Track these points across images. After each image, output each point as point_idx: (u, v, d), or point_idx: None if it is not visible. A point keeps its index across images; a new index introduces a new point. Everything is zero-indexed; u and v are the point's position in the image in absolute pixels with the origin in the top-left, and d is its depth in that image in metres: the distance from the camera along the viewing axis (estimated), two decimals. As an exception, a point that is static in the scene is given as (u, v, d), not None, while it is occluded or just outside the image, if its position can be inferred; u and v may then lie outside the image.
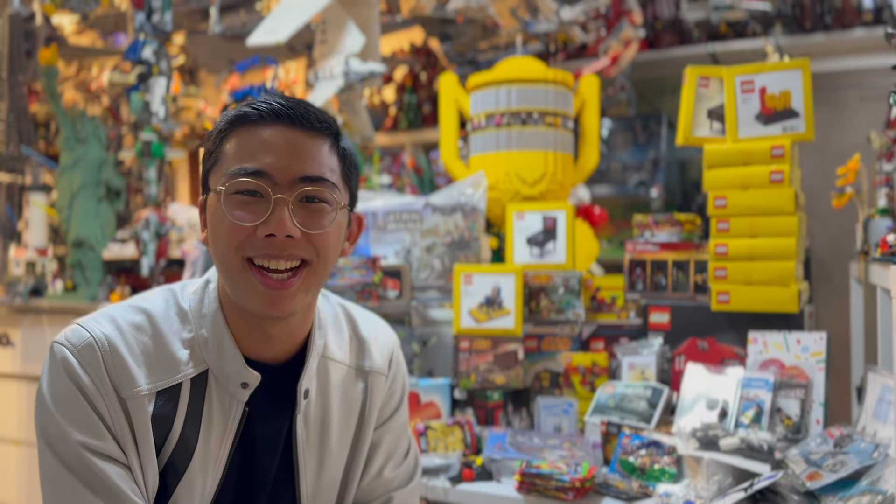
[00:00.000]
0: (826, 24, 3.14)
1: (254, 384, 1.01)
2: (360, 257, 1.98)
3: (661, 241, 1.91)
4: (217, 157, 0.99)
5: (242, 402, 1.02)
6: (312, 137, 0.98)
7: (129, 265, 3.24)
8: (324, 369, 1.11)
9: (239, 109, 0.98)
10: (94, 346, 0.95)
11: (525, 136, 2.22)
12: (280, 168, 0.95)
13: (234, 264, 0.96)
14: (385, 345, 1.22)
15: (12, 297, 3.34)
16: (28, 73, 3.53)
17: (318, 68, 2.52)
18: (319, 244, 0.98)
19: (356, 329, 1.19)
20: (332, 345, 1.13)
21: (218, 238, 0.97)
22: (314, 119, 0.98)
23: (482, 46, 3.41)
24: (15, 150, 3.43)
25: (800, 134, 1.76)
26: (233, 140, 0.98)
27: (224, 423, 1.01)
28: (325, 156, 0.99)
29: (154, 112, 2.69)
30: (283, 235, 0.94)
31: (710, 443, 1.52)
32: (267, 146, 0.95)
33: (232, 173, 0.95)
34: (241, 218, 0.95)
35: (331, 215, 0.99)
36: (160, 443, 0.97)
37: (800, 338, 1.69)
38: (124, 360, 0.95)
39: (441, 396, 1.89)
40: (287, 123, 0.97)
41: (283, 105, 0.97)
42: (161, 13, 2.72)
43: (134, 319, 1.00)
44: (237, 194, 0.95)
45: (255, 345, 1.03)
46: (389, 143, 3.97)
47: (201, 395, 1.00)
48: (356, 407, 1.15)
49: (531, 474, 1.52)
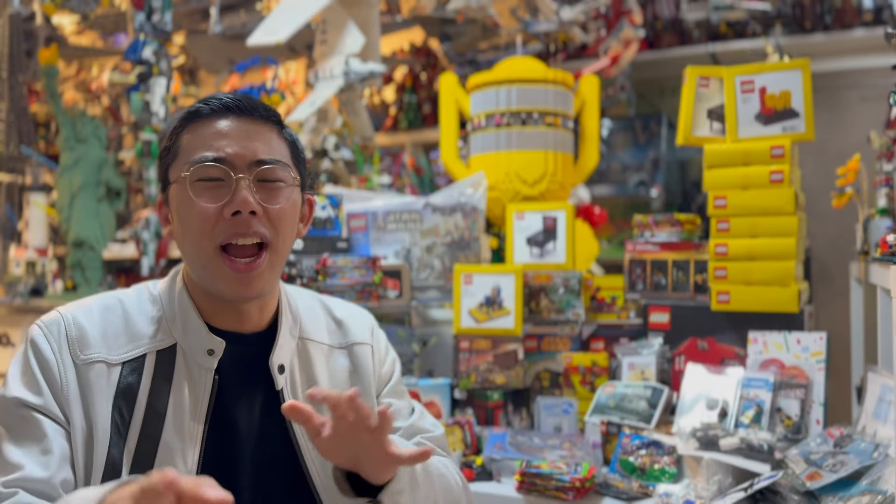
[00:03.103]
0: (826, 24, 3.14)
1: (219, 350, 1.07)
2: (360, 257, 1.98)
3: (661, 241, 1.91)
4: (175, 151, 1.08)
5: (211, 370, 1.07)
6: (261, 125, 1.08)
7: (129, 265, 3.24)
8: (304, 350, 1.17)
9: (191, 107, 1.09)
10: (60, 322, 1.04)
11: (525, 136, 2.22)
12: (237, 153, 1.05)
13: (207, 251, 1.04)
14: (362, 321, 1.28)
15: (12, 297, 3.34)
16: (28, 73, 3.53)
17: (318, 68, 2.52)
18: (278, 220, 1.07)
19: (332, 312, 1.26)
20: (309, 327, 1.19)
21: (188, 226, 1.05)
22: (261, 109, 1.09)
23: (482, 46, 3.41)
24: (15, 150, 3.43)
25: (800, 134, 1.76)
26: (188, 135, 1.07)
27: (196, 394, 1.06)
28: (275, 140, 1.09)
29: (154, 112, 2.69)
30: (248, 211, 1.03)
31: (710, 443, 1.52)
32: (222, 135, 1.05)
33: (193, 161, 1.04)
34: (207, 201, 1.03)
35: (286, 192, 1.08)
36: (129, 413, 1.03)
37: (800, 338, 1.70)
38: (86, 333, 1.04)
39: (441, 396, 1.89)
40: (237, 114, 1.07)
41: (231, 99, 1.07)
42: (161, 13, 2.72)
43: (105, 303, 1.10)
44: (200, 181, 1.04)
45: (225, 321, 1.10)
46: (389, 143, 3.97)
47: (169, 367, 1.06)
48: (346, 382, 1.20)
49: (531, 474, 1.52)
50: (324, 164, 2.58)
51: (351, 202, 2.18)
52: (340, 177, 2.60)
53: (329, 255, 1.99)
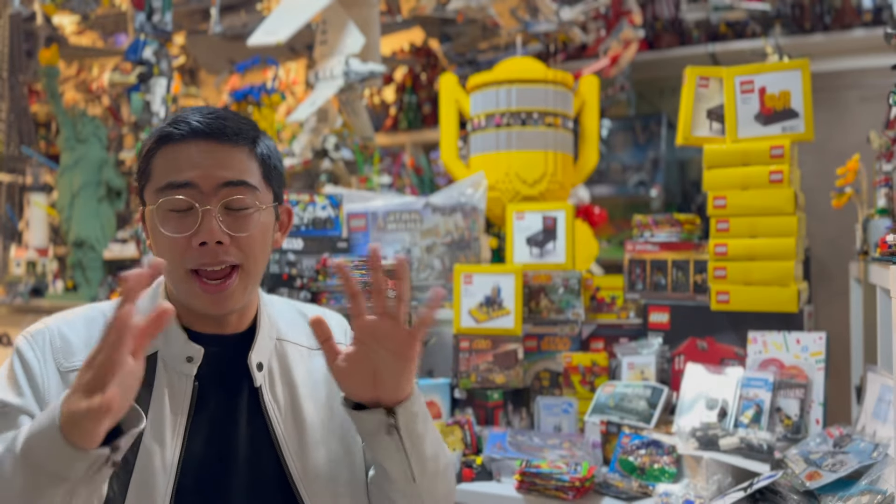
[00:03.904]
0: (826, 24, 3.14)
1: (198, 358, 1.10)
2: (361, 257, 1.98)
3: (661, 241, 1.91)
4: (148, 174, 1.11)
5: (191, 377, 1.10)
6: (230, 148, 1.09)
7: (130, 265, 3.24)
8: (281, 351, 1.19)
9: (163, 129, 1.10)
10: (45, 333, 1.08)
11: (525, 136, 2.22)
12: (203, 177, 1.07)
13: (178, 274, 1.08)
14: (337, 324, 1.30)
15: (13, 296, 3.35)
16: (28, 73, 3.53)
17: (318, 68, 2.52)
18: (246, 247, 1.09)
19: (307, 316, 1.27)
20: (285, 330, 1.22)
21: (160, 251, 1.09)
22: (230, 132, 1.10)
23: (482, 47, 3.41)
24: (15, 150, 3.43)
25: (799, 134, 1.77)
26: (159, 158, 1.09)
27: (176, 399, 1.09)
28: (244, 162, 1.10)
29: (155, 112, 2.69)
30: (214, 242, 1.06)
31: (710, 442, 1.52)
32: (190, 160, 1.07)
33: (161, 188, 1.07)
34: (174, 231, 1.07)
35: (255, 217, 1.10)
36: None
37: (799, 338, 1.70)
38: (71, 342, 1.07)
39: (441, 396, 1.90)
40: (205, 138, 1.08)
41: (200, 123, 1.09)
42: (161, 13, 2.72)
43: (88, 315, 1.13)
44: (170, 211, 1.07)
45: (206, 326, 1.13)
46: (389, 144, 3.97)
47: (150, 374, 1.08)
48: (323, 381, 1.21)
49: (531, 474, 1.52)
50: (324, 164, 2.59)
51: (351, 202, 2.18)
52: (340, 177, 2.61)
53: (329, 255, 1.99)
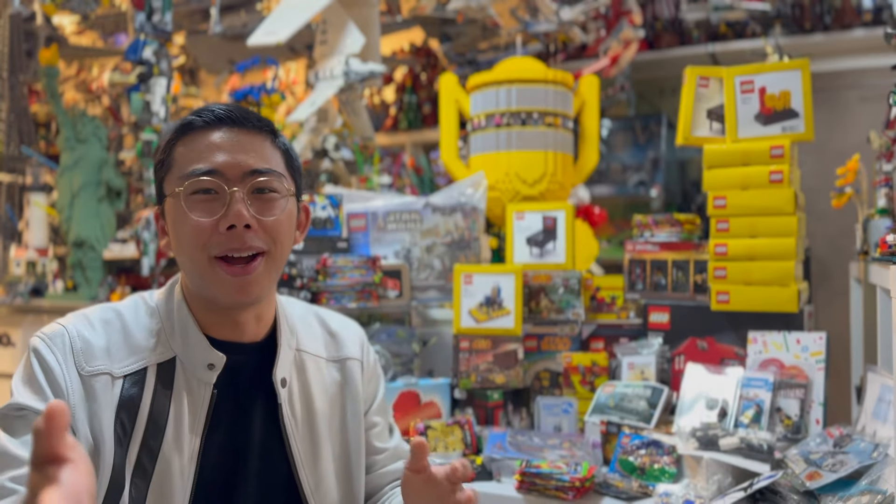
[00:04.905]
0: (826, 24, 3.14)
1: (219, 365, 1.07)
2: (360, 257, 1.98)
3: (661, 241, 1.91)
4: (169, 164, 1.07)
5: (210, 384, 1.07)
6: (255, 135, 1.08)
7: (130, 265, 3.24)
8: (300, 362, 1.18)
9: (184, 119, 1.08)
10: (64, 333, 1.04)
11: (525, 136, 2.22)
12: (231, 165, 1.04)
13: (201, 262, 1.04)
14: (355, 335, 1.30)
15: (13, 297, 3.34)
16: (28, 73, 3.53)
17: (318, 68, 2.52)
18: (274, 232, 1.07)
19: (326, 324, 1.27)
20: (304, 340, 1.20)
21: (182, 239, 1.05)
22: (254, 119, 1.08)
23: (482, 47, 3.41)
24: (15, 150, 3.43)
25: (799, 134, 1.76)
26: (182, 147, 1.07)
27: (195, 406, 1.07)
28: (269, 150, 1.09)
29: (154, 112, 2.69)
30: (242, 225, 1.03)
31: (710, 442, 1.52)
32: (215, 147, 1.05)
33: (187, 174, 1.04)
34: (201, 215, 1.03)
35: (281, 203, 1.08)
36: (131, 425, 1.03)
37: (799, 338, 1.70)
38: (91, 345, 1.04)
39: (441, 396, 1.90)
40: (230, 125, 1.06)
41: (223, 110, 1.07)
42: (161, 13, 2.72)
43: (104, 316, 1.09)
44: (195, 194, 1.04)
45: (223, 331, 1.10)
46: (389, 143, 3.97)
47: (169, 380, 1.06)
48: (337, 395, 1.21)
49: (531, 474, 1.52)
50: (324, 164, 2.59)
51: (351, 202, 2.18)
52: (340, 177, 2.61)
53: (329, 255, 1.99)
